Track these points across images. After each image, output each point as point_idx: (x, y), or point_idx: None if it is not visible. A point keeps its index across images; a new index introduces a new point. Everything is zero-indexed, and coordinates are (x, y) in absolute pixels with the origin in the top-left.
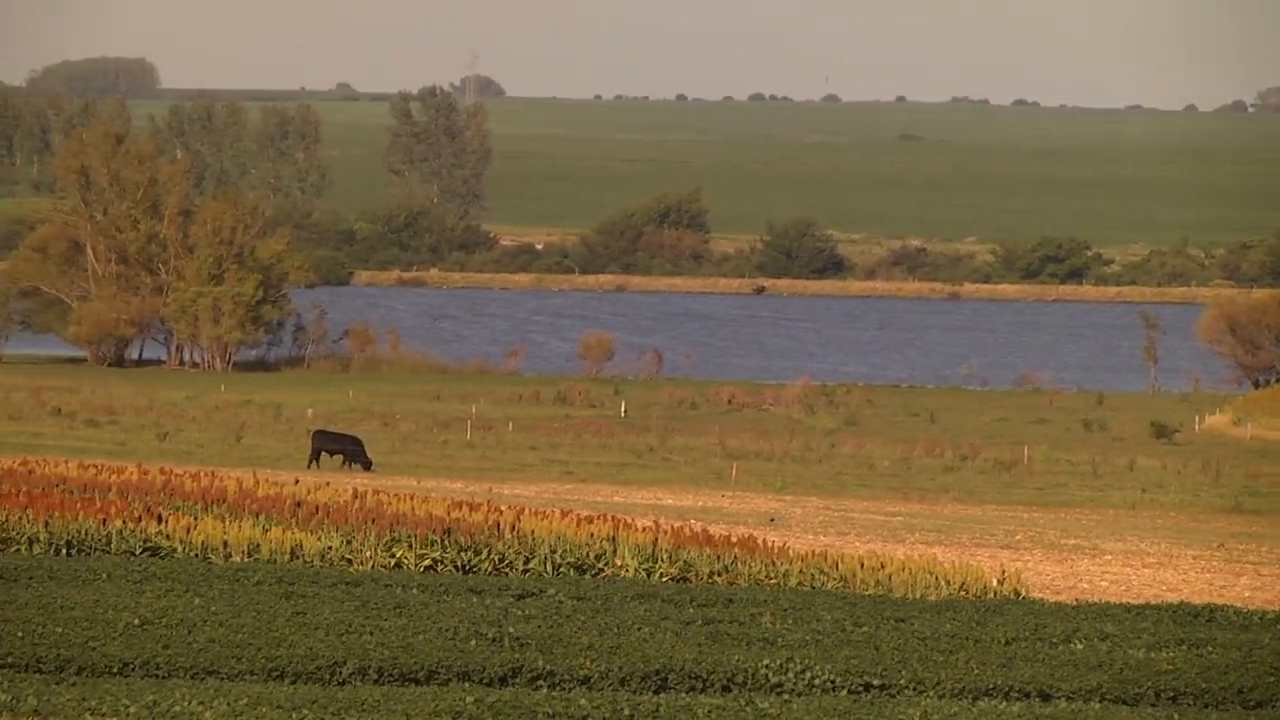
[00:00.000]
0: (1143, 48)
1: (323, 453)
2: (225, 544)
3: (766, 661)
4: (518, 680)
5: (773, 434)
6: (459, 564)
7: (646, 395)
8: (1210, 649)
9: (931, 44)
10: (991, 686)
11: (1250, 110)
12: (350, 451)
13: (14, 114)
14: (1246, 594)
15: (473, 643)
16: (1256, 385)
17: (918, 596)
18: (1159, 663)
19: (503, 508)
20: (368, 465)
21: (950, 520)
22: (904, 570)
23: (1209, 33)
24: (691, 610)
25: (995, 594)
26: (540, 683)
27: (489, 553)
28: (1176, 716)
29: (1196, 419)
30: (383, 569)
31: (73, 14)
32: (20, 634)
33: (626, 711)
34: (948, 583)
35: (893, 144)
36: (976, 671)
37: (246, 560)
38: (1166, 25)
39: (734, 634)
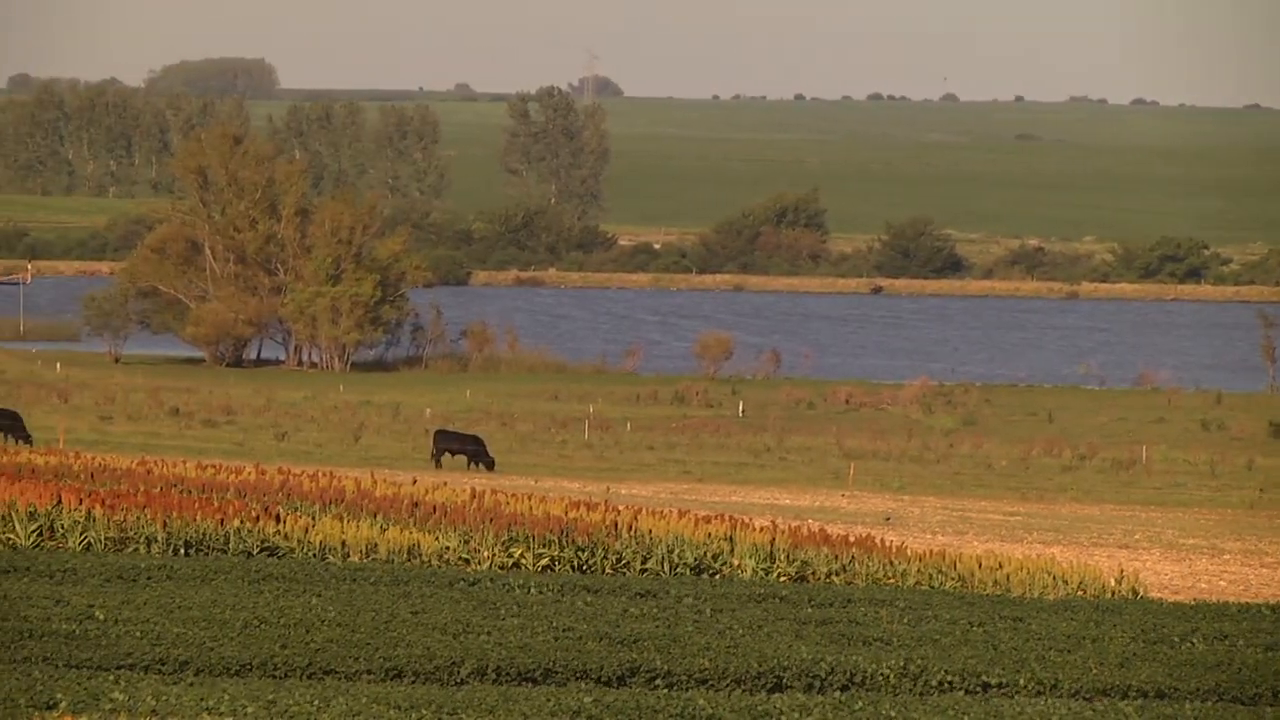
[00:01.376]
0: (1261, 46)
1: (445, 453)
2: (343, 544)
3: (884, 661)
4: (635, 680)
5: (890, 434)
6: (576, 564)
7: (764, 395)
8: None
9: (1050, 43)
10: (1109, 686)
11: None
12: (472, 451)
13: (133, 114)
14: None
15: (590, 642)
16: None
17: (1035, 596)
18: (1277, 663)
19: (620, 507)
20: (491, 464)
21: (1068, 520)
22: (1022, 570)
23: None
24: (809, 610)
25: (1113, 594)
26: (657, 682)
27: (606, 552)
28: None
29: None
30: (500, 569)
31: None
32: (138, 634)
33: (744, 712)
34: (1065, 582)
35: (1010, 143)
36: (1094, 671)
37: (364, 560)
38: None
39: (851, 634)
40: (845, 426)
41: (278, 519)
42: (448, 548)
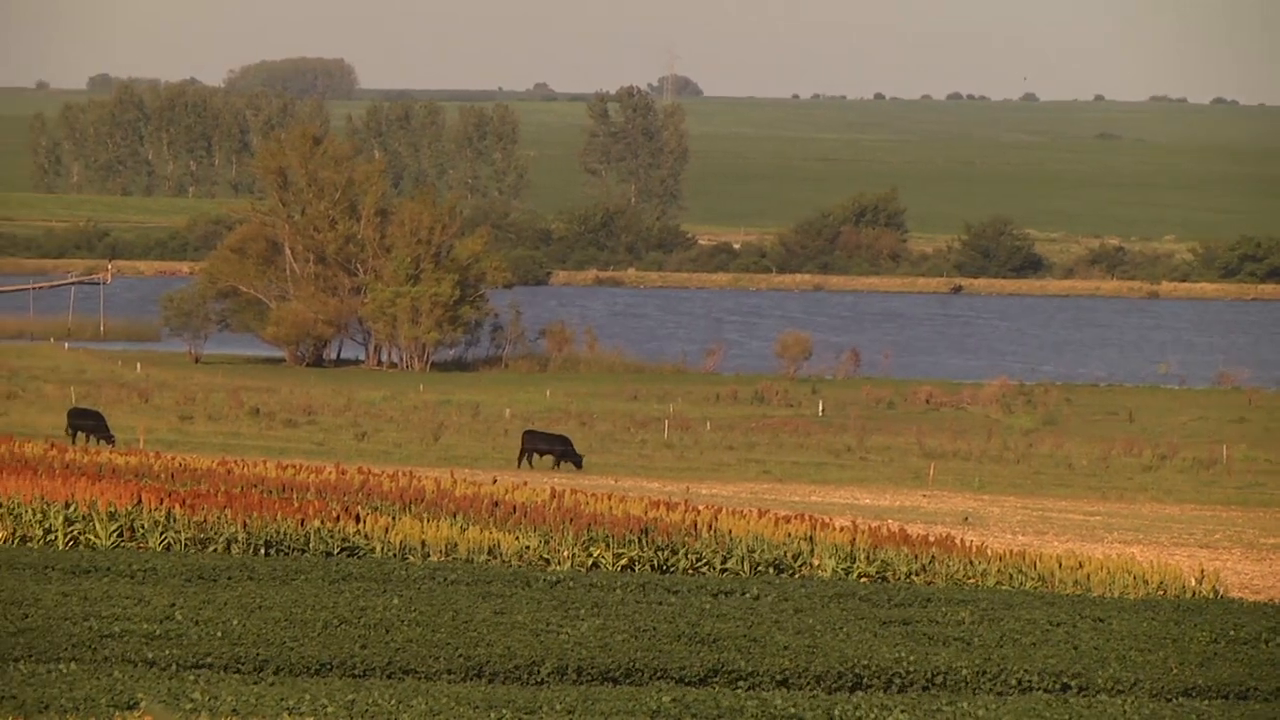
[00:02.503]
0: None
1: (534, 453)
2: (423, 544)
3: (964, 661)
4: (716, 680)
5: (970, 433)
6: (656, 563)
7: (844, 394)
8: None
9: (1129, 43)
10: (1190, 686)
11: None
12: (560, 451)
13: (213, 115)
14: None
15: (670, 642)
16: None
17: (1116, 596)
18: None
19: (700, 507)
20: (579, 463)
21: (1148, 519)
22: (1102, 570)
23: None
24: (889, 610)
25: (1194, 593)
26: (738, 682)
27: (686, 552)
28: None
29: None
30: (580, 568)
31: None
32: (219, 634)
33: (825, 711)
34: (1146, 582)
35: (1090, 142)
36: (1175, 671)
37: (444, 560)
38: None
39: (932, 633)
40: (925, 426)
41: (358, 519)
42: (528, 547)
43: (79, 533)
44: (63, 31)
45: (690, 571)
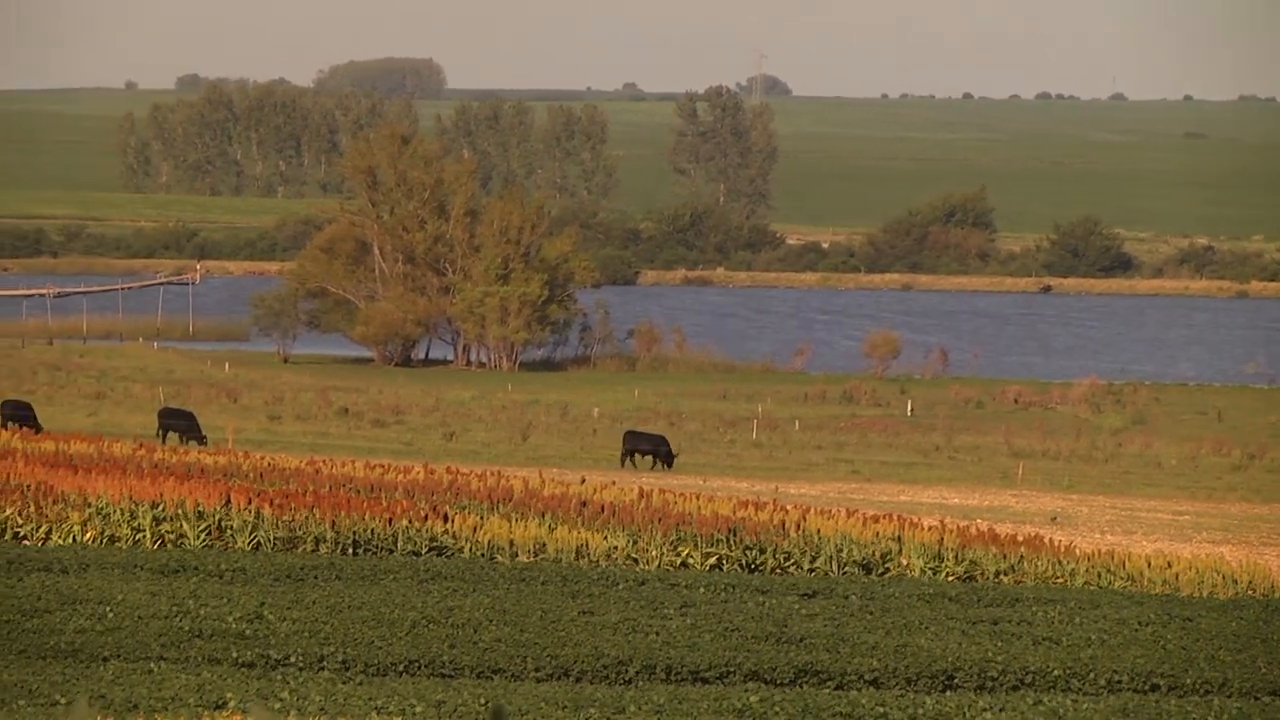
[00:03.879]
0: None
1: (635, 453)
2: (511, 543)
3: (1054, 661)
4: (803, 680)
5: (1059, 433)
6: (744, 563)
7: (932, 394)
8: None
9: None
10: (1279, 686)
11: None
12: (660, 451)
13: (302, 115)
14: None
15: (758, 642)
16: None
17: (1205, 596)
18: None
19: (788, 507)
20: (670, 463)
21: (1238, 519)
22: (1191, 569)
23: None
24: (977, 610)
25: None
26: (827, 682)
27: (774, 552)
28: None
29: None
30: (668, 568)
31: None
32: (307, 633)
33: (914, 711)
34: (1235, 582)
35: (1179, 142)
36: (1264, 670)
37: (532, 560)
38: None
39: (1021, 633)
40: (1014, 425)
41: (446, 518)
42: (616, 547)
43: (167, 532)
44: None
45: (778, 571)
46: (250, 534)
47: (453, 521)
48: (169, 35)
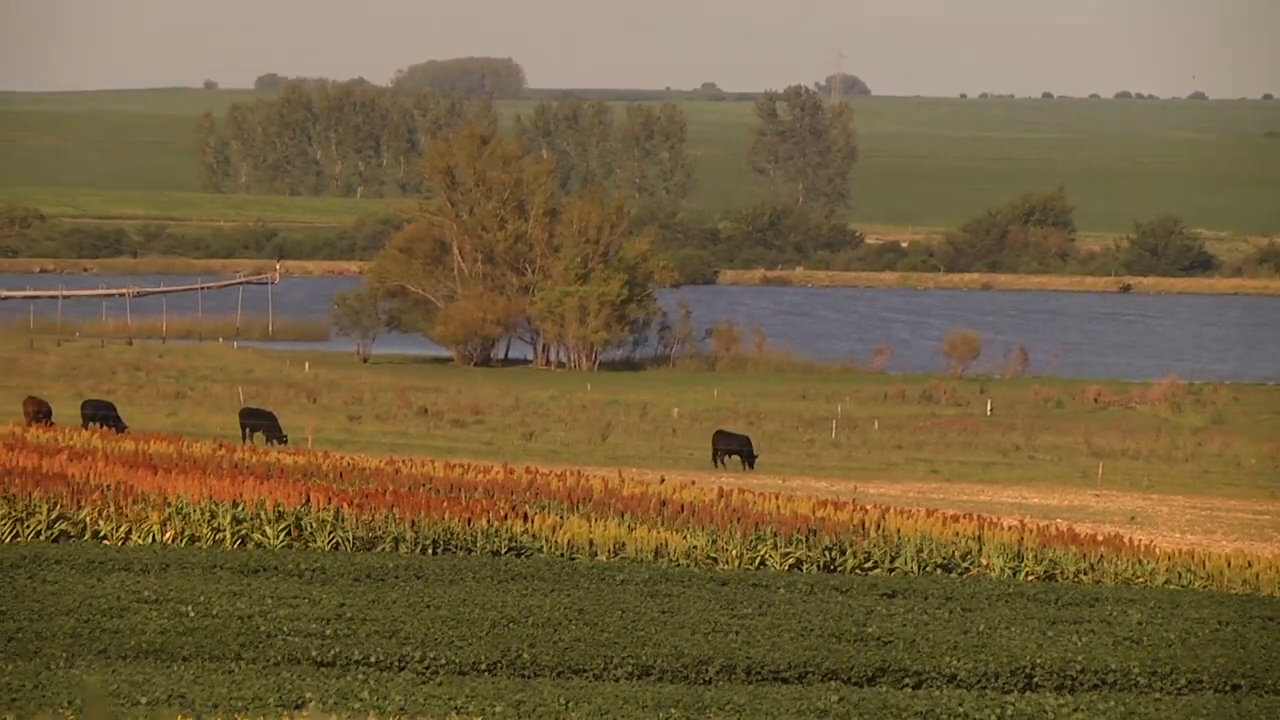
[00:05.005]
0: None
1: (725, 453)
2: (590, 543)
3: (1134, 660)
4: (883, 679)
5: (1139, 432)
6: (824, 563)
7: (1012, 393)
8: None
9: None
10: None
11: None
12: (743, 451)
13: (381, 114)
14: None
15: (838, 642)
16: None
17: None
18: None
19: (868, 506)
20: (752, 463)
21: None
22: (1271, 569)
23: None
24: (1057, 609)
25: None
26: (906, 682)
27: (854, 552)
28: None
29: None
30: (748, 568)
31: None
32: (387, 633)
33: (994, 711)
34: None
35: (1259, 141)
36: None
37: (611, 559)
38: None
39: (1101, 633)
40: (1093, 425)
41: (525, 518)
42: (695, 547)
43: (247, 532)
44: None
45: (858, 571)
46: (330, 534)
47: (532, 521)
48: (248, 35)
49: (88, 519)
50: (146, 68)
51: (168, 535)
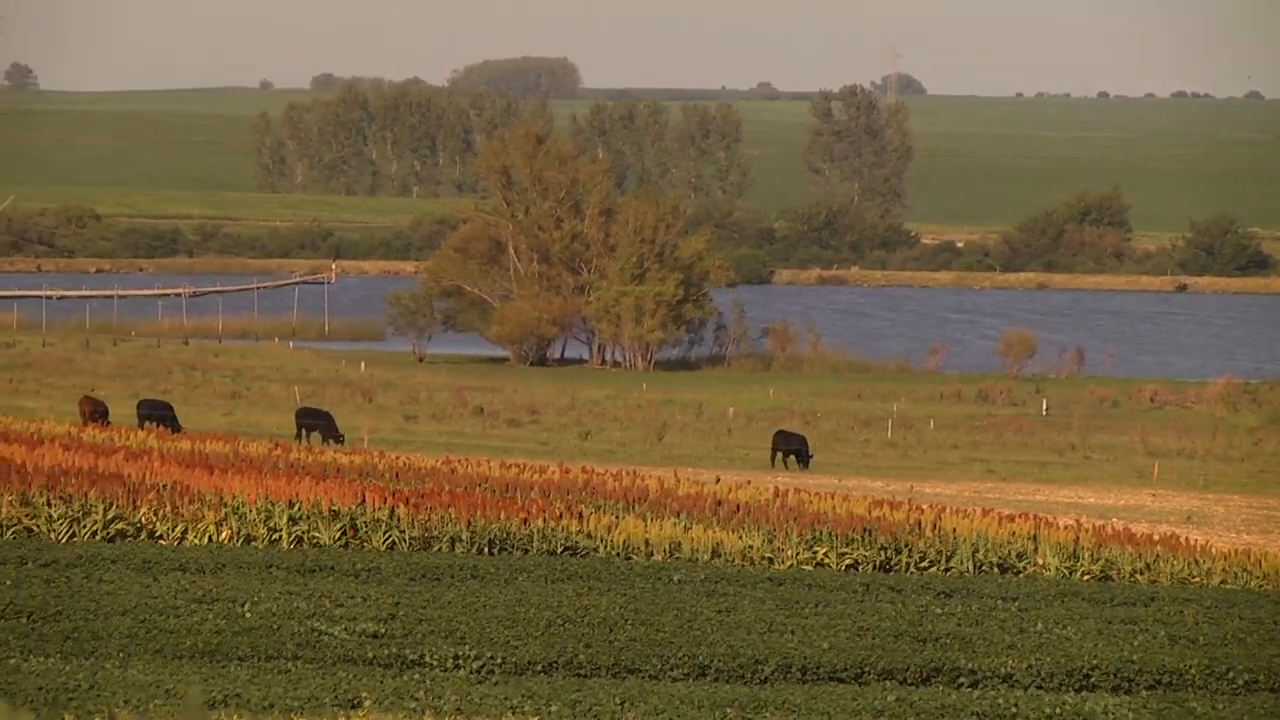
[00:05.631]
0: None
1: (783, 452)
2: (646, 543)
3: (1190, 660)
4: (939, 679)
5: (1195, 431)
6: (880, 563)
7: (1068, 393)
8: None
9: None
10: None
11: None
12: (798, 451)
13: (436, 114)
14: None
15: (894, 641)
16: None
17: None
18: None
19: (924, 506)
20: (807, 462)
21: None
22: None
23: None
24: (1113, 609)
25: None
26: (961, 681)
27: (910, 551)
28: None
29: None
30: (804, 567)
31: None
32: (443, 633)
33: (1051, 711)
34: None
35: None
36: None
37: (667, 559)
38: None
39: (1157, 633)
40: (1149, 424)
41: (581, 518)
42: (751, 546)
43: (303, 532)
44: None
45: (914, 571)
46: (385, 534)
47: (588, 521)
48: (304, 35)
49: (144, 519)
50: (202, 68)
51: (223, 535)
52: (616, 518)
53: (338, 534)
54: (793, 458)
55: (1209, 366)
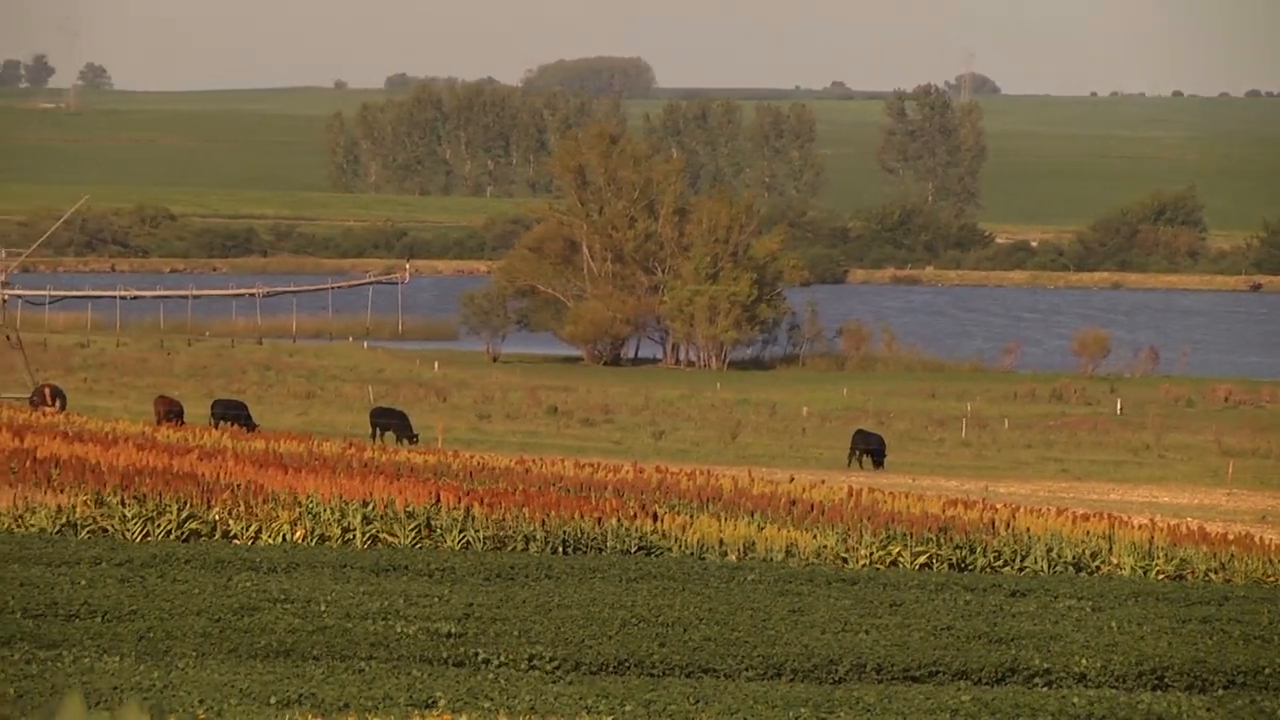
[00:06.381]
0: None
1: (864, 453)
2: (720, 542)
3: (1266, 659)
4: (1013, 679)
5: (1270, 431)
6: (954, 562)
7: (1142, 392)
8: None
9: None
10: None
11: None
12: (874, 451)
13: (510, 114)
14: None
15: (968, 641)
16: None
17: None
18: None
19: (998, 505)
20: (880, 462)
21: None
22: None
23: None
24: (1187, 608)
25: None
26: (1036, 681)
27: (984, 550)
28: None
29: None
30: (878, 567)
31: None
32: (517, 633)
33: (1125, 710)
34: None
35: None
36: None
37: (741, 559)
38: None
39: (1232, 632)
40: (1224, 424)
41: (655, 518)
42: (825, 546)
43: (377, 531)
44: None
45: (988, 570)
46: (460, 533)
47: (662, 520)
48: (378, 35)
49: (218, 518)
50: (277, 68)
51: (297, 534)
52: (690, 517)
53: (412, 533)
54: (868, 458)
55: None
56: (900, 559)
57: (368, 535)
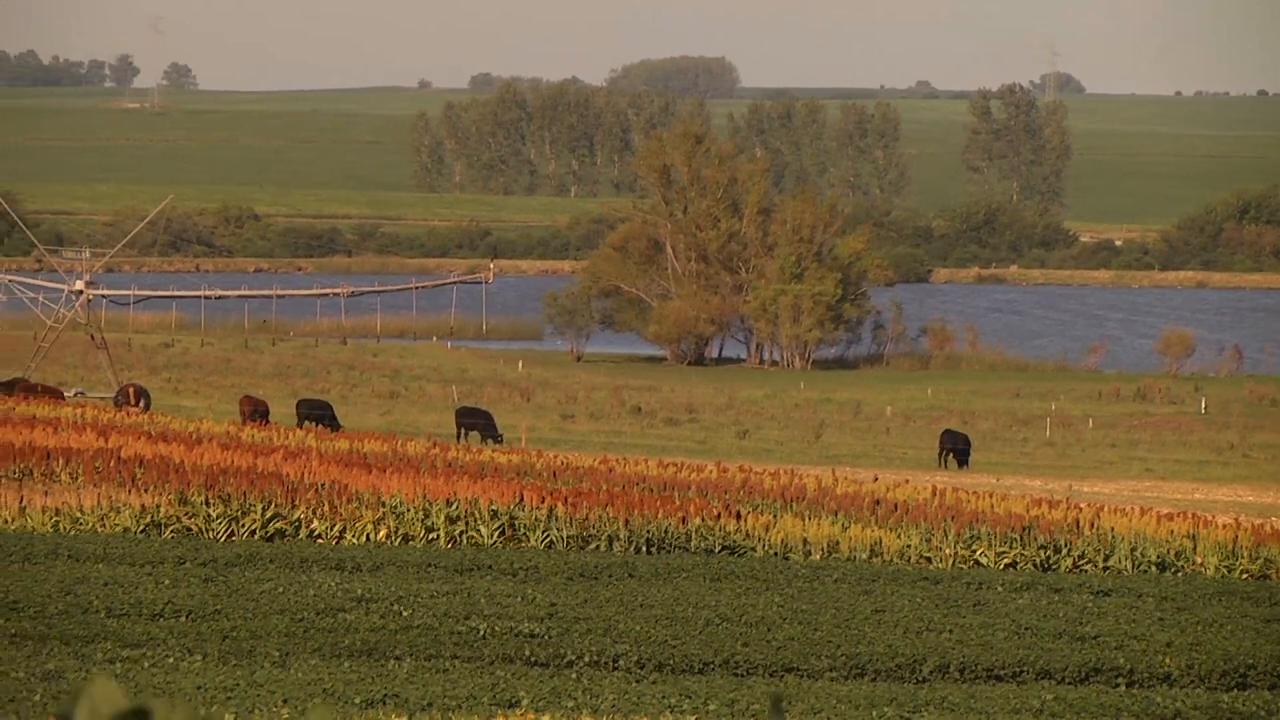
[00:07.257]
0: None
1: (952, 452)
2: (804, 542)
3: None
4: (1097, 678)
5: None
6: (1038, 561)
7: (1227, 392)
8: None
9: None
10: None
11: None
12: (961, 449)
13: (594, 114)
14: None
15: (1051, 640)
16: None
17: None
18: None
19: (1082, 505)
20: (963, 461)
21: None
22: None
23: None
24: (1272, 608)
25: None
26: (1119, 680)
27: (1068, 550)
28: None
29: None
30: (962, 567)
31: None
32: (600, 632)
33: (1207, 710)
34: None
35: None
36: None
37: (825, 558)
38: None
39: None
40: None
41: (738, 517)
42: (909, 545)
43: (461, 531)
44: (445, 31)
45: (1072, 570)
46: (543, 532)
47: (746, 520)
48: (462, 35)
49: (302, 518)
50: (361, 67)
51: (381, 534)
52: (774, 517)
53: (496, 533)
54: (952, 456)
55: None
56: (984, 558)
57: (451, 535)
